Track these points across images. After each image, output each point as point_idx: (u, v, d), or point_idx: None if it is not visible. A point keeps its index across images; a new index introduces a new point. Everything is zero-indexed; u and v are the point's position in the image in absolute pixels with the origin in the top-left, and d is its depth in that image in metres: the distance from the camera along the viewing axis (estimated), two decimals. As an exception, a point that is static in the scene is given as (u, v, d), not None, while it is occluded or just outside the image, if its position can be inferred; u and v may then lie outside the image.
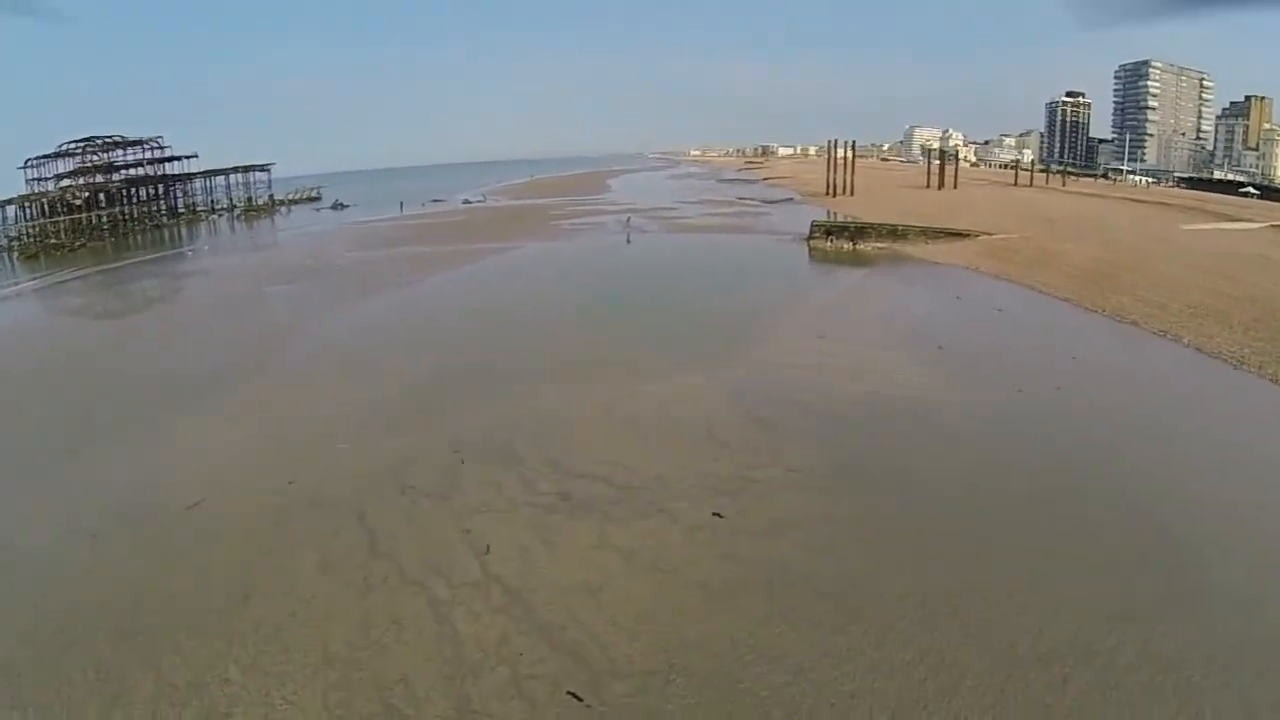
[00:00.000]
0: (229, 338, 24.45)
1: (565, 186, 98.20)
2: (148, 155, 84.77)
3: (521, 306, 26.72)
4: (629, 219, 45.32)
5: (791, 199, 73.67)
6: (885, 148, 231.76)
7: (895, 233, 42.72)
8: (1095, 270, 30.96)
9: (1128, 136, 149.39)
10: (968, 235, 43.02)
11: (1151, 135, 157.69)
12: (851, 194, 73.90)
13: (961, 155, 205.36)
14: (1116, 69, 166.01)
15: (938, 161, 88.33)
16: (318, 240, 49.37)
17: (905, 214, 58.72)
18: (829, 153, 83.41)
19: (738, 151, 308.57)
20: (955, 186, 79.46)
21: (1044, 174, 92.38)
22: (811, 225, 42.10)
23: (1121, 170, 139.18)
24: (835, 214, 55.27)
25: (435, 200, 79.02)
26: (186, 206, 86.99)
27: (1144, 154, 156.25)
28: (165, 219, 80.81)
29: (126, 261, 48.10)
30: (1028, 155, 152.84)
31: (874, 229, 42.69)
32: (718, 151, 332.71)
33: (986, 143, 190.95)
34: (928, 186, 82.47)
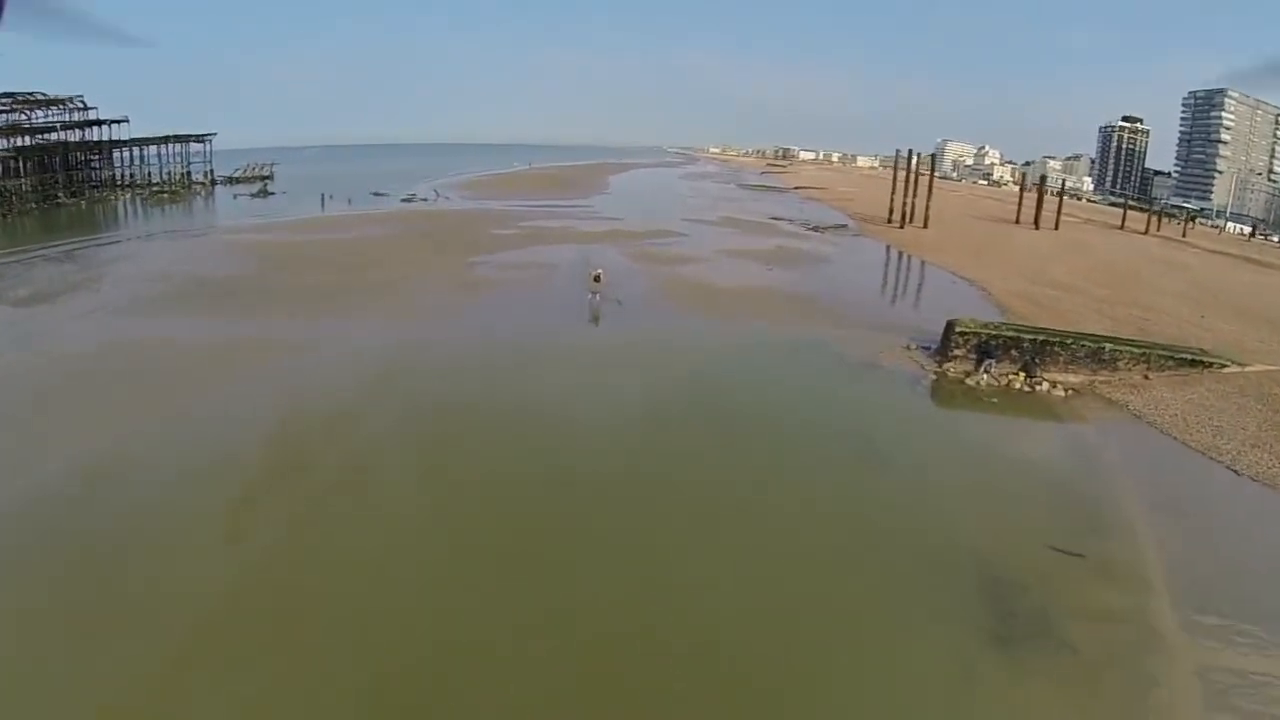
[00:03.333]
0: None
1: (555, 182, 75.35)
2: (64, 118, 65.16)
3: None
4: (599, 275, 23.21)
5: (845, 225, 51.26)
6: (913, 162, 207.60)
7: (1099, 356, 20.48)
8: None
9: (1236, 180, 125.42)
10: (1208, 365, 21.04)
11: (1221, 172, 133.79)
12: (925, 226, 51.68)
13: (997, 175, 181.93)
14: (1185, 95, 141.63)
15: (1020, 189, 66.00)
16: (83, 277, 27.09)
17: (1035, 278, 36.63)
18: (895, 168, 60.93)
19: (757, 152, 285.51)
20: (1056, 226, 56.80)
21: (1155, 216, 68.87)
22: (950, 331, 19.74)
23: (1189, 208, 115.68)
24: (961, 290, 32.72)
25: (377, 194, 56.66)
26: (104, 180, 66.42)
27: (1211, 192, 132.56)
28: (65, 197, 60.40)
29: None
30: (1087, 184, 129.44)
31: (1062, 345, 20.32)
32: (737, 151, 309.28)
33: (1028, 164, 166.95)
34: (1017, 221, 60.00)
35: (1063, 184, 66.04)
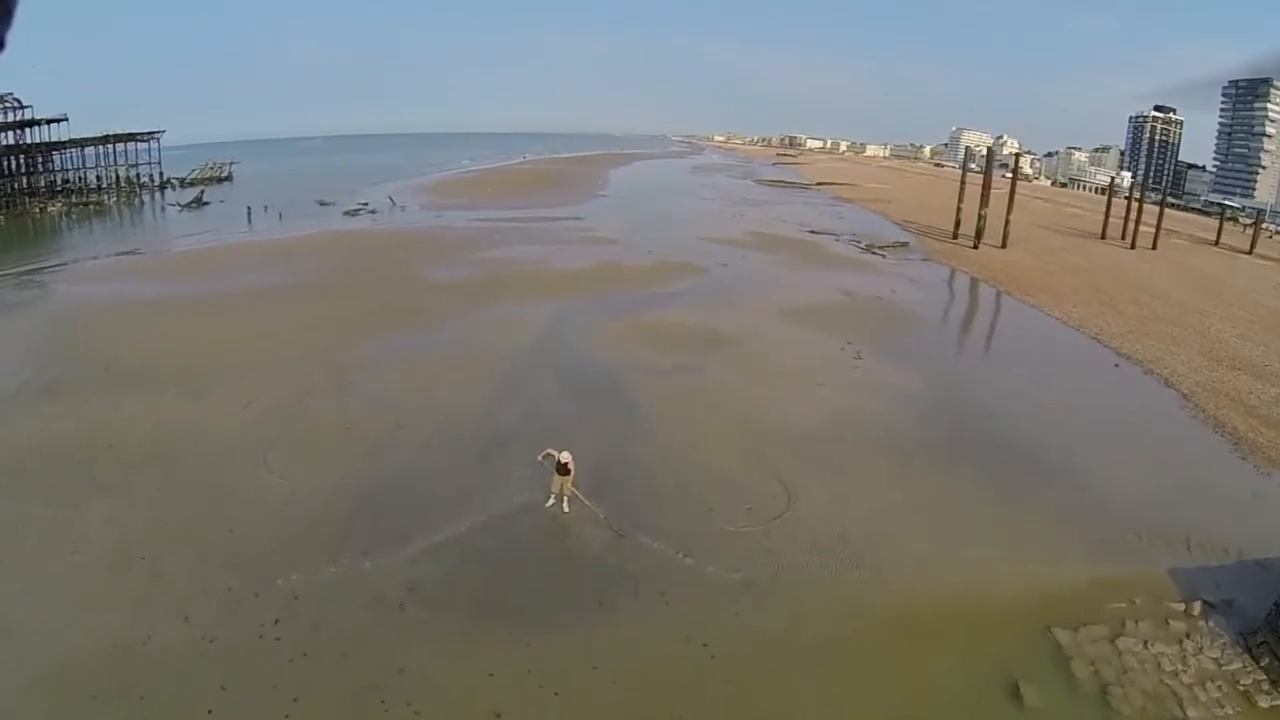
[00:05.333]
0: None
1: (546, 180, 62.54)
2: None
3: None
4: (567, 464, 9.87)
5: (905, 243, 39.01)
6: (927, 150, 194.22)
7: None
8: None
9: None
10: None
11: (1265, 168, 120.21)
12: (1004, 245, 39.54)
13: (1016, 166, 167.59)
14: (1225, 84, 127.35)
15: (1108, 195, 52.90)
16: None
17: (1216, 353, 24.23)
18: (963, 169, 48.23)
19: (763, 141, 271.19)
20: (1154, 245, 44.29)
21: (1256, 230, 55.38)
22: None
23: (1235, 208, 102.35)
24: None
25: (322, 203, 44.35)
26: (37, 188, 55.35)
27: (1254, 189, 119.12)
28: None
29: None
30: (1126, 178, 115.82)
31: None
32: (742, 139, 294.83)
33: (1050, 155, 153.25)
34: (1103, 237, 47.59)
35: (1164, 195, 53.00)
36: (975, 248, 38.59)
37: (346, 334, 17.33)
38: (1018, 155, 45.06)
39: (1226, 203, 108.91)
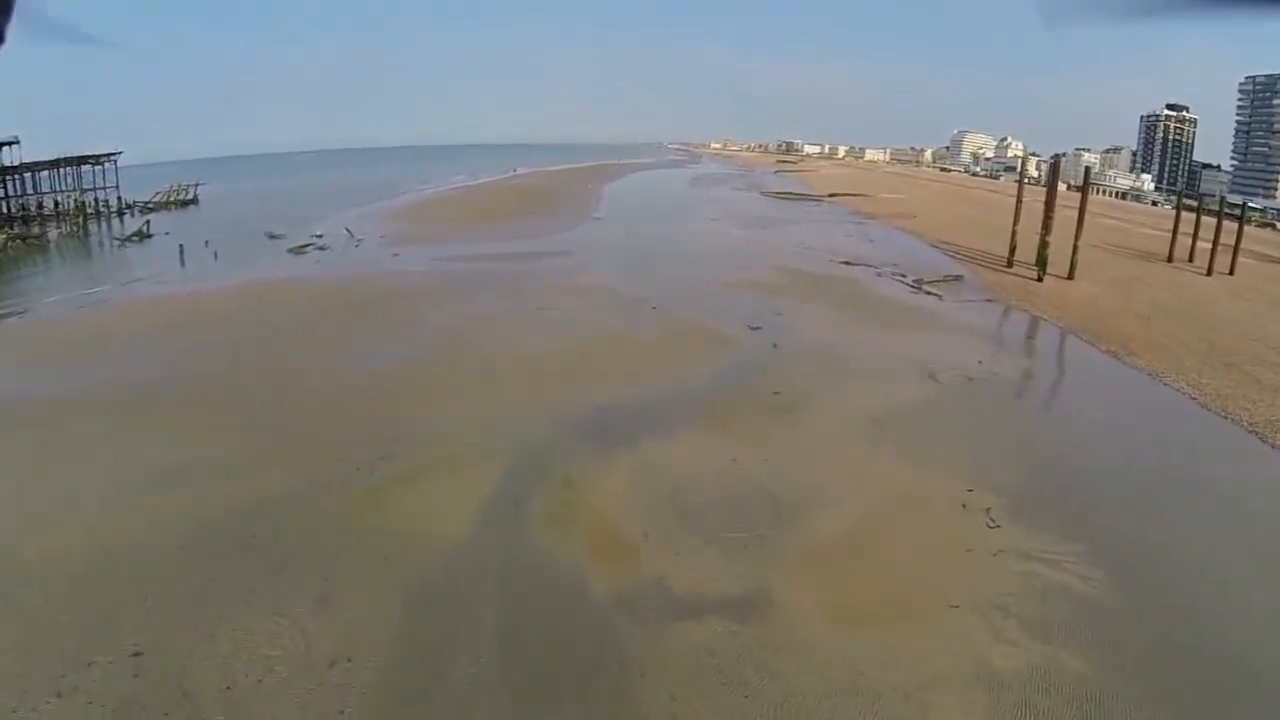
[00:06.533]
0: None
1: (534, 198, 55.64)
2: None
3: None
4: None
5: (958, 276, 32.17)
6: (928, 154, 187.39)
7: None
8: None
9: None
10: None
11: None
12: (1070, 276, 32.83)
13: (1025, 170, 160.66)
14: (1242, 80, 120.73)
15: (1176, 210, 45.77)
16: None
17: None
18: (1019, 182, 41.22)
19: (760, 147, 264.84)
20: (1231, 269, 37.45)
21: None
22: None
23: (1258, 210, 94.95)
24: None
25: (272, 236, 37.54)
26: None
27: (1275, 189, 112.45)
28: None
29: None
30: (1147, 183, 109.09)
31: None
32: (739, 146, 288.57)
33: (1058, 157, 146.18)
34: (1169, 259, 40.88)
35: (1243, 207, 46.20)
36: (1040, 279, 31.87)
37: (184, 509, 10.55)
38: (1088, 168, 38.25)
39: (1251, 205, 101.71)
